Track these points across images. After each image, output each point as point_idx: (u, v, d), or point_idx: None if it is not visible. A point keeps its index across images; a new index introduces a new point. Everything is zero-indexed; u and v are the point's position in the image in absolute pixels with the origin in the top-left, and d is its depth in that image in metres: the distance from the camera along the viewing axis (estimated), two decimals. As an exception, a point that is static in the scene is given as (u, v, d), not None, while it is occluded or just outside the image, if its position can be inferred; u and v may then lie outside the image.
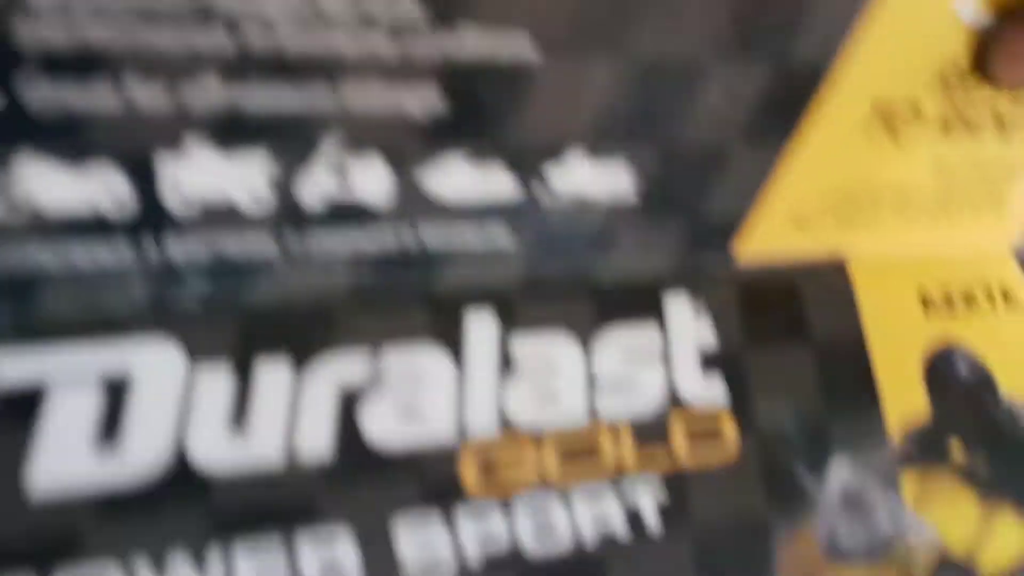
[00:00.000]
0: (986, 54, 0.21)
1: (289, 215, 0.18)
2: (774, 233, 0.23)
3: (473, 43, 0.17)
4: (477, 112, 0.18)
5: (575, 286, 0.21)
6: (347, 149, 0.18)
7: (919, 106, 0.22)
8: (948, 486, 0.22)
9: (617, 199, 0.20)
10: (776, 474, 0.21)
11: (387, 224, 0.19)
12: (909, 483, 0.22)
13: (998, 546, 0.22)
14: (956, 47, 0.22)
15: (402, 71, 0.17)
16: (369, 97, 0.17)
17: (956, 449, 0.23)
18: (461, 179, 0.19)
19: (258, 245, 0.18)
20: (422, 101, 0.17)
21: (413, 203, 0.19)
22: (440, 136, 0.18)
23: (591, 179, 0.20)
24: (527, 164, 0.19)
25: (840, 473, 0.21)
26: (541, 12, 0.17)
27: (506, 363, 0.20)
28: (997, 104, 0.23)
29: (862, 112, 0.22)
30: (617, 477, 0.20)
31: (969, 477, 0.23)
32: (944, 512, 0.22)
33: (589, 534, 0.19)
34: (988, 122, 0.24)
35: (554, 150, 0.19)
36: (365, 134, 0.18)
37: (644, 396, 0.21)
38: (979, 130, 0.24)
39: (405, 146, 0.18)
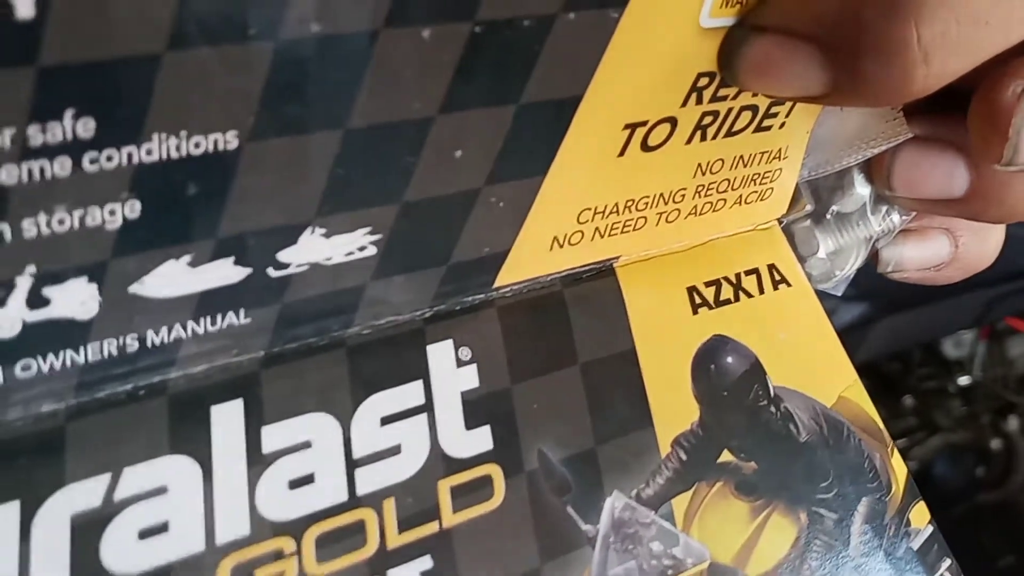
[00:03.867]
0: (735, 65, 0.21)
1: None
2: (536, 259, 0.23)
3: (164, 146, 0.16)
4: (180, 211, 0.17)
5: (326, 354, 0.21)
6: (45, 279, 0.17)
7: (674, 120, 0.22)
8: (718, 500, 0.23)
9: (357, 259, 0.20)
10: (547, 517, 0.21)
11: (102, 334, 0.18)
12: (679, 503, 0.23)
13: (767, 547, 0.23)
14: (705, 56, 0.21)
15: (87, 189, 0.16)
16: (55, 224, 0.16)
17: (725, 459, 0.24)
18: (178, 279, 0.18)
19: None
20: (114, 214, 0.16)
21: (128, 308, 0.18)
22: (143, 244, 0.17)
23: (327, 249, 0.19)
24: (253, 252, 0.18)
25: (612, 506, 0.22)
26: (236, 109, 0.16)
27: (256, 457, 0.19)
28: (751, 99, 0.23)
29: (615, 137, 0.21)
30: (380, 553, 0.20)
31: (739, 488, 0.23)
32: (715, 525, 0.23)
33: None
34: (745, 118, 0.23)
35: (282, 233, 0.18)
36: (61, 260, 0.16)
37: (407, 462, 0.20)
38: (737, 127, 0.23)
39: (106, 261, 0.17)
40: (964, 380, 1.33)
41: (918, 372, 1.32)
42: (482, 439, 0.21)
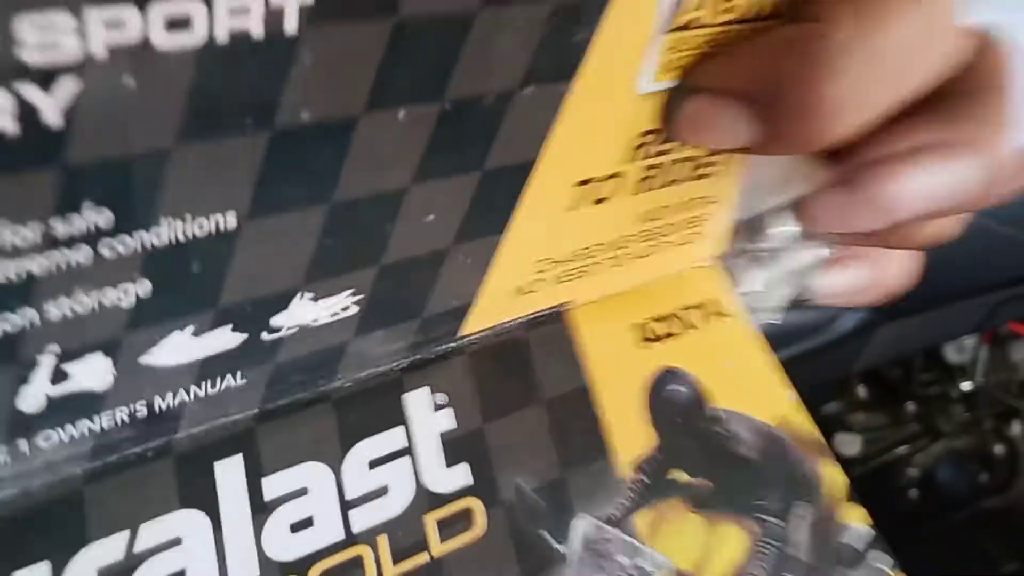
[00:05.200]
0: (674, 122, 0.23)
1: (12, 425, 0.18)
2: (499, 307, 0.25)
3: (172, 230, 0.18)
4: (185, 286, 0.19)
5: (314, 407, 0.22)
6: (66, 356, 0.18)
7: (621, 176, 0.24)
8: (676, 515, 0.25)
9: (341, 319, 0.22)
10: (525, 542, 0.23)
11: (115, 402, 0.19)
12: (642, 520, 0.25)
13: (722, 555, 0.26)
14: (648, 117, 0.23)
15: (104, 273, 0.17)
16: (76, 306, 0.17)
17: (681, 478, 0.26)
18: (183, 348, 0.20)
19: None
20: (127, 294, 0.18)
21: (138, 378, 0.19)
22: (153, 318, 0.19)
23: (315, 312, 0.21)
24: (249, 319, 0.20)
25: (580, 527, 0.24)
26: (235, 192, 0.18)
27: (259, 505, 0.21)
28: (690, 151, 0.25)
29: (568, 193, 0.24)
30: (379, 588, 0.21)
31: (694, 502, 0.26)
32: (674, 538, 0.25)
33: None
34: (686, 170, 0.26)
35: (275, 299, 0.20)
36: (80, 338, 0.18)
37: (395, 500, 0.22)
38: (677, 177, 0.26)
39: (120, 336, 0.18)
40: (967, 386, 1.30)
41: (920, 378, 1.29)
42: (461, 475, 0.23)
